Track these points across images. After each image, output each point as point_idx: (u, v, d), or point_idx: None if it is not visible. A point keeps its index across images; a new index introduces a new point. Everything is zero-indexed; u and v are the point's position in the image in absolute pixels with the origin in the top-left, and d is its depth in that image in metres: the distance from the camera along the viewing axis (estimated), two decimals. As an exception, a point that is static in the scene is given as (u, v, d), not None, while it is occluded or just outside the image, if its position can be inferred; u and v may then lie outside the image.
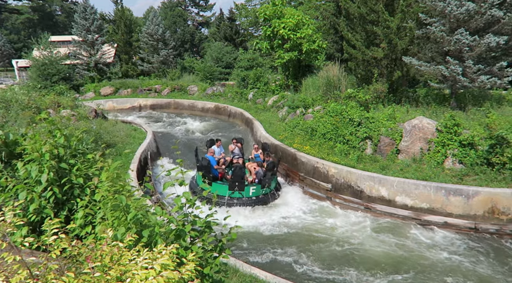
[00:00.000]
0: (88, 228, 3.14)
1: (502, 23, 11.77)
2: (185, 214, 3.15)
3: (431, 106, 13.55)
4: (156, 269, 2.01)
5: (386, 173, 10.71)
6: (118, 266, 2.11)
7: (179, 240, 2.97)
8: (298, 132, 14.58)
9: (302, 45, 20.03)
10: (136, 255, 2.25)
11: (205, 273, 2.93)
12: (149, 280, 1.93)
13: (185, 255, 2.71)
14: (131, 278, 1.97)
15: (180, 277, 2.16)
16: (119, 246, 2.34)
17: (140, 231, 2.83)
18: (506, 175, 9.45)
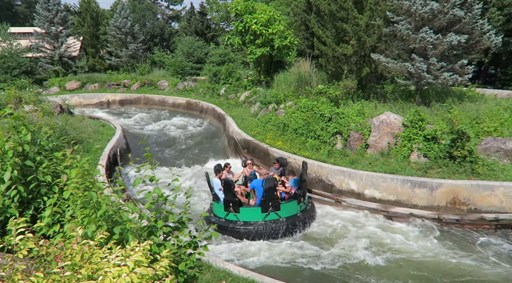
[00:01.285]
0: (56, 227, 3.04)
1: (463, 23, 12.34)
2: (157, 210, 3.11)
3: (398, 102, 14.02)
4: (129, 266, 1.99)
5: (356, 167, 11.01)
6: (89, 265, 2.07)
7: (151, 236, 2.94)
8: (270, 127, 14.68)
9: (274, 41, 20.12)
10: (108, 252, 2.21)
11: (180, 269, 2.92)
12: (122, 277, 1.91)
13: (158, 251, 2.69)
14: (103, 276, 1.94)
15: (154, 274, 2.15)
16: (90, 244, 2.29)
17: (111, 228, 2.78)
18: (466, 167, 9.96)
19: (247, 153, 14.05)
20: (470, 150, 10.00)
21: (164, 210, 3.00)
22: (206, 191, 11.81)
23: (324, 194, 10.90)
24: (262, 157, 13.26)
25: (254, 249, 8.17)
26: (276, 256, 7.95)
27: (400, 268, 7.58)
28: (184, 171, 13.76)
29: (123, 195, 3.45)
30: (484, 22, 12.51)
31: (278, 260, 7.77)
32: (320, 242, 8.68)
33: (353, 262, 7.74)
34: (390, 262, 7.77)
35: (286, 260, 7.80)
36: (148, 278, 2.05)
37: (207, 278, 4.50)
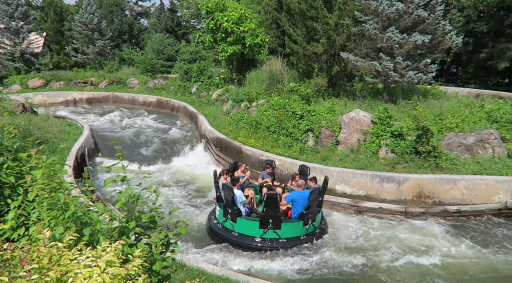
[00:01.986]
0: (21, 230, 2.92)
1: (426, 23, 12.86)
2: (128, 211, 3.05)
3: (367, 99, 14.43)
4: (100, 267, 1.95)
5: (327, 164, 11.23)
6: (58, 267, 2.01)
7: (123, 237, 2.89)
8: (243, 125, 14.70)
9: (246, 39, 20.12)
10: (78, 254, 2.15)
11: (153, 269, 2.89)
12: (94, 278, 1.87)
13: (130, 252, 2.64)
14: (73, 278, 1.89)
15: (127, 273, 2.12)
16: (58, 246, 2.22)
17: (80, 229, 2.70)
18: (431, 162, 10.41)
19: (220, 151, 14.00)
20: (434, 145, 10.46)
21: (136, 210, 2.95)
22: (174, 188, 11.70)
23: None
24: (235, 155, 13.26)
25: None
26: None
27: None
28: (155, 170, 13.53)
29: (93, 196, 3.36)
30: (446, 23, 13.09)
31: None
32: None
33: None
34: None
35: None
36: (121, 278, 2.01)
37: (181, 278, 4.47)
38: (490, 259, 7.66)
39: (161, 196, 3.13)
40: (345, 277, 7.01)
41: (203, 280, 4.21)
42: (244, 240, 7.85)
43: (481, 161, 10.46)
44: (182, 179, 12.72)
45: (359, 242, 8.49)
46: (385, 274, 7.13)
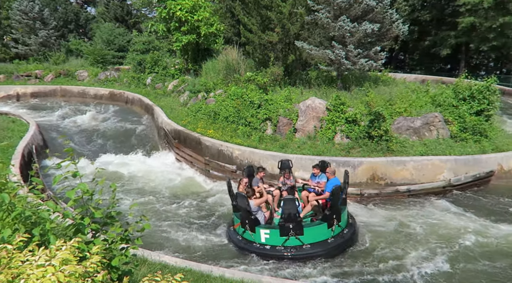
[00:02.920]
0: (-36, 235, 2.72)
1: (375, 12, 13.35)
2: (82, 207, 2.94)
3: (322, 87, 14.80)
4: (55, 266, 1.88)
5: (286, 151, 11.45)
6: (8, 270, 1.91)
7: (78, 234, 2.79)
8: (201, 116, 14.54)
9: (200, 28, 19.76)
10: (30, 255, 2.05)
11: (113, 265, 2.82)
12: (47, 277, 1.80)
13: (86, 249, 2.56)
14: (25, 279, 1.81)
15: (85, 271, 2.06)
16: (8, 248, 2.11)
17: (30, 230, 2.57)
18: (383, 145, 10.96)
19: (179, 143, 13.78)
20: (385, 129, 10.99)
21: (91, 206, 2.85)
22: (128, 183, 11.40)
23: (257, 179, 11.16)
24: (194, 147, 13.12)
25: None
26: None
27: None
28: (110, 165, 13.06)
29: (42, 194, 3.20)
30: (393, 12, 13.67)
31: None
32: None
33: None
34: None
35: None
36: (78, 276, 1.96)
37: (143, 272, 4.41)
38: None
39: (121, 193, 3.03)
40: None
41: (165, 273, 4.18)
42: (266, 251, 7.24)
43: (427, 143, 11.18)
44: (138, 174, 12.38)
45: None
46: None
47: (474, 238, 7.68)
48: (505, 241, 7.58)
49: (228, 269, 5.53)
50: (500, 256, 7.07)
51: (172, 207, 9.82)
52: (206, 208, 9.90)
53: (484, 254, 7.14)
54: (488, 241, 7.60)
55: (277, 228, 7.25)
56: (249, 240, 7.50)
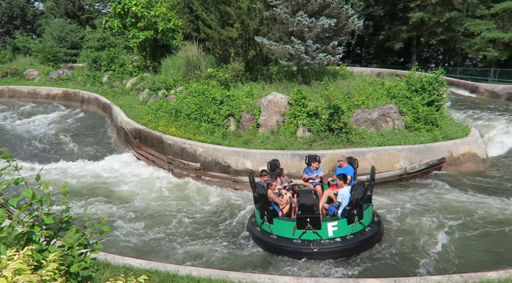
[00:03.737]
0: None
1: (331, 8, 13.67)
2: (30, 214, 2.77)
3: (283, 82, 14.98)
4: (7, 277, 1.77)
5: (249, 147, 11.50)
6: (-47, 286, 1.78)
7: (30, 242, 2.64)
8: (162, 114, 14.23)
9: (158, 24, 19.27)
10: (-23, 268, 1.92)
11: (72, 271, 2.70)
12: (-2, 290, 1.69)
13: (41, 257, 2.44)
14: (-27, 295, 1.69)
15: (40, 280, 1.96)
16: (-48, 263, 1.96)
17: (-22, 242, 2.40)
18: (343, 138, 11.30)
19: (140, 143, 13.41)
20: (345, 122, 11.34)
21: (42, 212, 2.70)
22: (88, 187, 10.96)
23: (221, 176, 11.13)
24: (156, 146, 12.83)
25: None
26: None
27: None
28: (68, 168, 12.48)
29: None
30: (348, 7, 14.07)
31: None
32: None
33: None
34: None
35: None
36: (33, 286, 1.86)
37: (106, 277, 4.27)
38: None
39: (77, 197, 2.90)
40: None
41: (129, 276, 4.07)
42: (283, 243, 7.10)
43: (384, 133, 11.67)
44: (97, 177, 11.93)
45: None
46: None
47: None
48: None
49: (194, 268, 5.48)
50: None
51: (133, 207, 9.56)
52: (167, 206, 9.73)
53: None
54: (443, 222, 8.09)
55: (294, 221, 7.11)
56: (267, 231, 7.43)
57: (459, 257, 6.59)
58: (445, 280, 4.54)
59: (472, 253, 6.73)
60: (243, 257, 7.13)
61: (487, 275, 4.58)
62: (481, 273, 4.67)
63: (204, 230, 8.31)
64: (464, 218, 8.11)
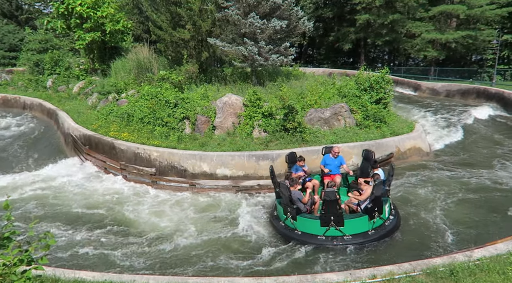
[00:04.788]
0: None
1: (282, 9, 13.92)
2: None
3: (237, 83, 15.00)
4: None
5: (206, 149, 11.39)
6: None
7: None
8: (113, 119, 13.68)
9: (105, 25, 18.49)
10: None
11: (13, 292, 2.51)
12: None
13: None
14: None
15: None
16: None
17: None
18: (298, 137, 11.55)
19: (90, 149, 12.79)
20: (299, 122, 11.59)
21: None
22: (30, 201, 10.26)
23: (178, 180, 10.92)
24: (107, 152, 12.30)
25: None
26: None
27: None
28: (11, 180, 11.60)
29: None
30: (298, 9, 14.39)
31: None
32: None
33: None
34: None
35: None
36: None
37: (55, 294, 4.02)
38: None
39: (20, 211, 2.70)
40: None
41: (81, 291, 3.88)
42: (307, 239, 7.47)
43: (337, 131, 12.09)
44: (42, 188, 11.19)
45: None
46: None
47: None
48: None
49: (152, 276, 5.32)
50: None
51: (84, 217, 9.09)
52: (120, 213, 9.37)
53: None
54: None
55: (317, 219, 7.43)
56: (291, 227, 7.76)
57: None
58: (396, 269, 4.80)
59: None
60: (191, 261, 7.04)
61: (433, 261, 4.91)
62: (427, 260, 5.00)
63: (159, 235, 8.09)
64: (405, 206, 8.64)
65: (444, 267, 4.73)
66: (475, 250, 5.21)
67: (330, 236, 7.34)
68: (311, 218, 7.60)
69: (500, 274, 4.54)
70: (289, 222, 7.84)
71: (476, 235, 7.39)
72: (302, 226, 7.61)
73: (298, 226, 7.66)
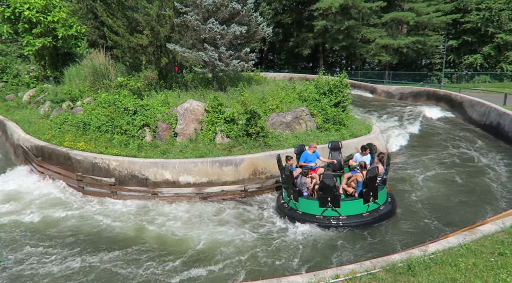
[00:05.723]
0: None
1: (241, 15, 13.99)
2: None
3: (199, 89, 14.86)
4: None
5: (168, 157, 11.16)
6: None
7: None
8: (68, 128, 13.06)
9: (57, 30, 17.65)
10: None
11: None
12: None
13: None
14: None
15: None
16: None
17: None
18: (260, 141, 11.62)
19: (42, 161, 12.11)
20: (261, 126, 11.67)
21: None
22: None
23: (139, 190, 10.60)
24: (62, 163, 11.70)
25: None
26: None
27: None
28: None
29: None
30: (257, 15, 14.52)
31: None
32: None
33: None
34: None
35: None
36: None
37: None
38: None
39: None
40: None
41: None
42: (306, 218, 8.40)
43: (298, 135, 12.30)
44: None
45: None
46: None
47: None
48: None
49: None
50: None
51: (39, 232, 8.57)
52: (79, 226, 8.95)
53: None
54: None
55: (316, 200, 8.37)
56: (293, 208, 8.77)
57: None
58: (358, 267, 4.94)
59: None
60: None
61: (392, 258, 5.10)
62: (387, 257, 5.19)
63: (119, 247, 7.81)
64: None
65: (402, 262, 4.93)
66: (429, 245, 5.48)
67: (327, 216, 8.26)
68: (311, 200, 8.60)
69: (452, 266, 4.80)
70: (292, 204, 8.84)
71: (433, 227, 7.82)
72: (303, 206, 8.60)
73: (299, 207, 8.65)
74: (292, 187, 8.70)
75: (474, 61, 34.47)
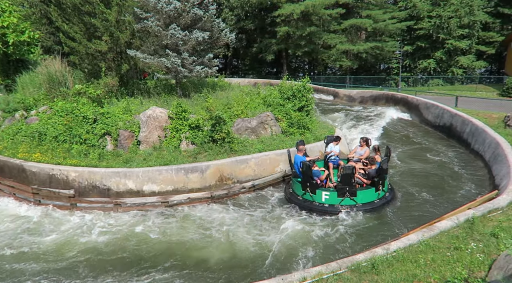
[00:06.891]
0: None
1: (203, 21, 13.94)
2: None
3: (162, 95, 14.58)
4: None
5: (131, 166, 10.84)
6: None
7: None
8: (22, 139, 12.35)
9: (7, 36, 16.71)
10: None
11: None
12: None
13: None
14: None
15: None
16: None
17: None
18: (226, 147, 11.56)
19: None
20: (227, 132, 11.62)
21: None
22: None
23: (100, 201, 10.19)
24: (16, 175, 11.05)
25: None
26: None
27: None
28: None
29: None
30: (219, 21, 14.53)
31: None
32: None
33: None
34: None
35: None
36: None
37: None
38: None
39: None
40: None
41: None
42: (326, 208, 9.15)
43: (264, 140, 12.37)
44: None
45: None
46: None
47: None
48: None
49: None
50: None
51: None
52: (34, 244, 8.46)
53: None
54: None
55: (335, 191, 9.18)
56: (309, 200, 9.44)
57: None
58: (324, 269, 5.01)
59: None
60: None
61: (356, 258, 5.23)
62: (351, 257, 5.31)
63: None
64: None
65: (366, 261, 5.06)
66: (391, 243, 5.67)
67: (345, 205, 9.11)
68: (329, 191, 9.33)
69: (413, 262, 4.99)
70: (308, 196, 9.46)
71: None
72: (320, 198, 9.29)
73: (316, 198, 9.34)
74: (309, 180, 9.31)
75: (428, 66, 36.37)
